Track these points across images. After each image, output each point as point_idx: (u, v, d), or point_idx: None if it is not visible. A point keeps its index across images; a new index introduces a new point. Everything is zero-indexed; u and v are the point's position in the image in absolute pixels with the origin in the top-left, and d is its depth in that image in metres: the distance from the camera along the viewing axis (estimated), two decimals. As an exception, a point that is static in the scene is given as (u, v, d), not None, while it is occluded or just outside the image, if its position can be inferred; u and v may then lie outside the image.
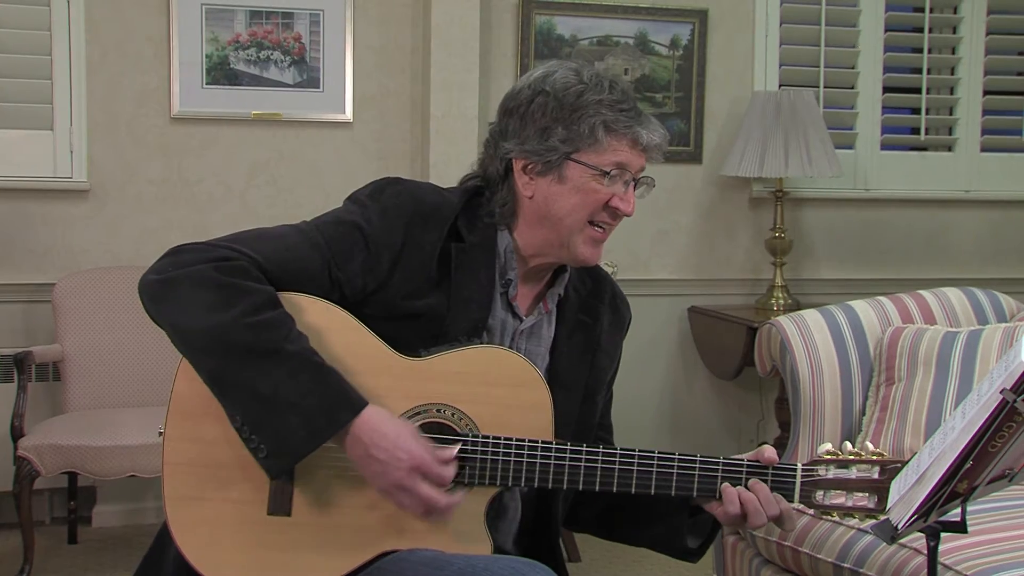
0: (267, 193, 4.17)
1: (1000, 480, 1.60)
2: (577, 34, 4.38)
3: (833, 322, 2.87)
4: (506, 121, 1.80)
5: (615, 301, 1.97)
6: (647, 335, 4.51)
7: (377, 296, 1.72)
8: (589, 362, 1.87)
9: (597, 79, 1.78)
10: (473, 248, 1.77)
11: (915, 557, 2.14)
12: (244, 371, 1.60)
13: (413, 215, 1.74)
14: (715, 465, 1.71)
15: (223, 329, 1.60)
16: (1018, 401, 1.43)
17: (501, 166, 1.79)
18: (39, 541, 3.64)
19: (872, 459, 1.73)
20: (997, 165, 4.85)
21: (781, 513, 1.71)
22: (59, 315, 3.78)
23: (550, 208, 1.77)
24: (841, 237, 4.73)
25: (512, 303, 1.81)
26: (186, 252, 1.67)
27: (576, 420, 1.83)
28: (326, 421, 1.60)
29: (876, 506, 1.72)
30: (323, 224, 1.74)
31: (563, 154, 1.74)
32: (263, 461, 1.61)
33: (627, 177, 1.79)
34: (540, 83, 1.77)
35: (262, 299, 1.62)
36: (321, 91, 4.18)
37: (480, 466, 1.68)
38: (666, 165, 4.51)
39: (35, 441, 3.40)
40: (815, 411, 2.74)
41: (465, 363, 1.70)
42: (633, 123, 1.77)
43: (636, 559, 3.80)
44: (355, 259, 1.71)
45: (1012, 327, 2.75)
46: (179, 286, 1.63)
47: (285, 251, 1.70)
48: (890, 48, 4.70)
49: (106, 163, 4.03)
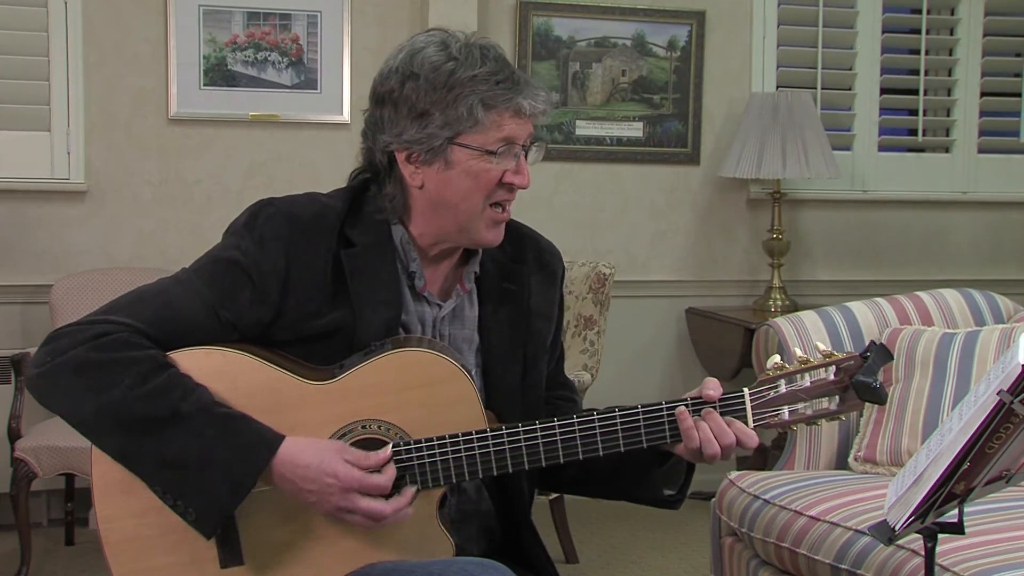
0: (264, 194, 4.05)
1: (997, 481, 1.60)
2: (575, 35, 4.39)
3: (830, 323, 2.87)
4: (379, 111, 1.72)
5: (542, 257, 1.86)
6: (645, 336, 4.51)
7: (278, 324, 1.67)
8: (523, 331, 1.80)
9: (467, 51, 1.69)
10: (366, 250, 1.71)
11: (912, 558, 2.14)
12: (147, 444, 1.57)
13: (292, 235, 1.68)
14: (659, 412, 1.66)
15: (114, 407, 1.57)
16: (1015, 402, 1.43)
17: (384, 158, 1.72)
18: (36, 543, 3.64)
19: (824, 362, 1.66)
20: (994, 167, 4.85)
21: (736, 438, 1.64)
22: (56, 316, 3.77)
23: (443, 196, 1.70)
24: (838, 238, 4.73)
25: (422, 293, 1.76)
26: (62, 337, 1.62)
27: (521, 394, 1.78)
28: (245, 469, 1.57)
29: (839, 407, 1.66)
30: (201, 268, 1.69)
31: (445, 139, 1.66)
32: (194, 524, 1.58)
33: (516, 150, 1.69)
34: (408, 65, 1.69)
35: (147, 367, 1.58)
36: (319, 92, 4.18)
37: (420, 471, 1.64)
38: (664, 166, 4.54)
39: (32, 443, 3.40)
40: (813, 412, 2.74)
41: (379, 373, 1.64)
42: (512, 94, 1.66)
43: (634, 559, 3.80)
44: (241, 296, 1.65)
45: (1009, 328, 2.75)
46: (60, 376, 1.60)
47: (165, 308, 1.65)
48: (887, 50, 4.70)
49: (103, 164, 4.03)
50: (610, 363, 4.08)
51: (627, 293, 4.39)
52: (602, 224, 4.49)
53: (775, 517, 2.51)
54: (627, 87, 4.45)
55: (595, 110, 4.43)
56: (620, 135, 4.47)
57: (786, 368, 1.67)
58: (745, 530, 2.60)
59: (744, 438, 1.65)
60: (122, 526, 1.64)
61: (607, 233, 4.50)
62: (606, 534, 4.04)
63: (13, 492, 3.43)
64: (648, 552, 3.87)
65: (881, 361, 1.65)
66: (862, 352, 1.66)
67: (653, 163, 4.52)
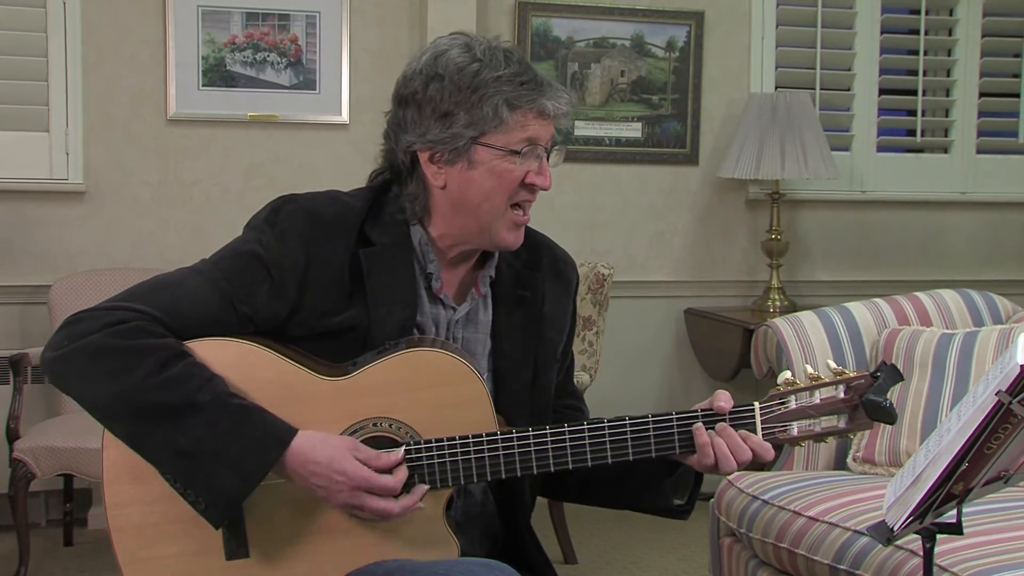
0: (263, 195, 4.09)
1: (996, 482, 1.60)
2: (574, 36, 4.39)
3: (829, 324, 2.87)
4: (402, 111, 1.73)
5: (556, 266, 1.88)
6: (643, 337, 4.51)
7: (294, 320, 1.68)
8: (535, 337, 1.81)
9: (491, 53, 1.70)
10: (385, 249, 1.72)
11: (911, 559, 2.14)
12: (161, 431, 1.58)
13: (313, 232, 1.69)
14: (669, 422, 1.66)
15: (130, 394, 1.58)
16: (1013, 403, 1.43)
17: (407, 159, 1.73)
18: (35, 543, 3.63)
19: (835, 380, 1.67)
20: (993, 167, 4.85)
21: (754, 454, 1.66)
22: (55, 317, 3.77)
23: (465, 196, 1.71)
24: (837, 239, 4.74)
25: (439, 295, 1.76)
26: (81, 322, 1.63)
27: (530, 400, 1.79)
28: (256, 462, 1.58)
29: (848, 426, 1.67)
30: (221, 260, 1.70)
31: (469, 139, 1.68)
32: (203, 513, 1.59)
33: (538, 151, 1.72)
34: (432, 66, 1.70)
35: (164, 355, 1.59)
36: (318, 93, 4.18)
37: (428, 471, 1.64)
38: (662, 167, 4.54)
39: (31, 443, 3.40)
40: (811, 413, 2.74)
41: (392, 372, 1.65)
42: (536, 95, 1.69)
43: (632, 560, 3.80)
44: (259, 290, 1.66)
45: (1008, 329, 2.75)
46: (77, 360, 1.61)
47: (184, 298, 1.66)
48: (886, 50, 4.71)
49: (102, 165, 4.03)
50: (609, 364, 4.08)
51: (626, 294, 4.38)
52: (601, 224, 4.49)
53: (774, 517, 2.52)
54: (626, 88, 4.45)
55: (594, 111, 4.43)
56: (619, 136, 4.47)
57: (797, 384, 1.69)
58: (744, 530, 2.60)
59: (761, 451, 1.67)
60: (130, 512, 1.65)
61: (606, 233, 4.50)
62: (605, 535, 4.04)
63: (11, 493, 3.43)
64: (647, 553, 3.87)
65: (892, 381, 1.66)
66: (873, 371, 1.67)
67: (652, 163, 4.52)
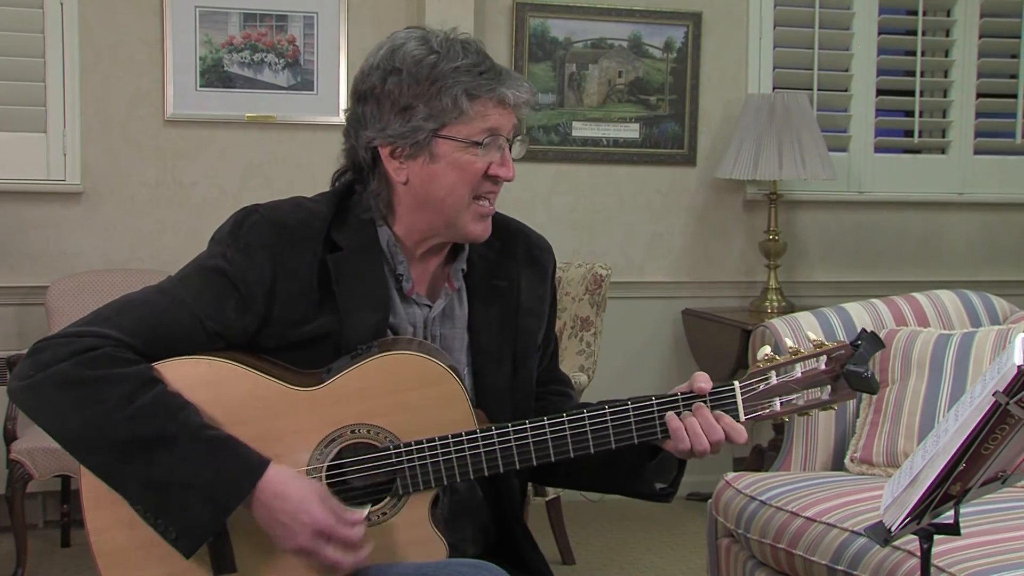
0: (261, 195, 4.10)
1: (993, 482, 1.61)
2: (571, 37, 4.39)
3: (827, 324, 2.87)
4: (361, 107, 1.71)
5: (531, 252, 1.84)
6: (641, 338, 4.51)
7: (265, 332, 1.66)
8: (512, 329, 1.79)
9: (448, 44, 1.68)
10: (353, 254, 1.70)
11: (909, 559, 2.14)
12: (132, 464, 1.56)
13: (277, 243, 1.66)
14: (649, 407, 1.65)
15: (99, 426, 1.56)
16: (1011, 404, 1.43)
17: (368, 155, 1.71)
18: (32, 544, 3.62)
19: (814, 352, 1.65)
20: (990, 167, 4.86)
21: (725, 434, 1.64)
22: (52, 318, 3.77)
23: (429, 190, 1.69)
24: (835, 239, 4.74)
25: (410, 296, 1.74)
26: (45, 351, 1.60)
27: (511, 393, 1.77)
28: (228, 494, 1.56)
29: (831, 397, 1.65)
30: (187, 277, 1.69)
31: (430, 131, 1.66)
32: (174, 543, 1.58)
33: (500, 141, 1.69)
34: (389, 60, 1.69)
35: (133, 385, 1.57)
36: (315, 94, 4.18)
37: (410, 473, 1.63)
38: (660, 167, 4.54)
39: (28, 444, 3.39)
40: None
41: (367, 377, 1.63)
42: (495, 84, 1.66)
43: (631, 560, 3.80)
44: (227, 306, 1.65)
45: (1005, 329, 2.75)
46: (44, 390, 1.59)
47: (151, 318, 1.64)
48: (883, 51, 4.71)
49: (100, 166, 4.03)
50: (607, 364, 4.09)
51: (624, 294, 4.39)
52: (598, 225, 4.50)
53: (771, 518, 2.52)
54: (623, 88, 4.45)
55: (591, 111, 4.43)
56: (616, 136, 4.47)
57: (777, 359, 1.67)
58: (741, 531, 2.60)
59: (732, 433, 1.64)
60: (114, 537, 1.63)
61: (603, 234, 4.50)
62: (603, 535, 4.04)
63: (9, 494, 3.43)
64: (645, 553, 3.87)
65: (872, 349, 1.64)
66: (852, 341, 1.65)
67: (649, 164, 4.52)
